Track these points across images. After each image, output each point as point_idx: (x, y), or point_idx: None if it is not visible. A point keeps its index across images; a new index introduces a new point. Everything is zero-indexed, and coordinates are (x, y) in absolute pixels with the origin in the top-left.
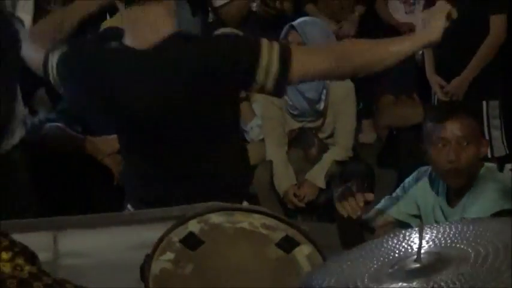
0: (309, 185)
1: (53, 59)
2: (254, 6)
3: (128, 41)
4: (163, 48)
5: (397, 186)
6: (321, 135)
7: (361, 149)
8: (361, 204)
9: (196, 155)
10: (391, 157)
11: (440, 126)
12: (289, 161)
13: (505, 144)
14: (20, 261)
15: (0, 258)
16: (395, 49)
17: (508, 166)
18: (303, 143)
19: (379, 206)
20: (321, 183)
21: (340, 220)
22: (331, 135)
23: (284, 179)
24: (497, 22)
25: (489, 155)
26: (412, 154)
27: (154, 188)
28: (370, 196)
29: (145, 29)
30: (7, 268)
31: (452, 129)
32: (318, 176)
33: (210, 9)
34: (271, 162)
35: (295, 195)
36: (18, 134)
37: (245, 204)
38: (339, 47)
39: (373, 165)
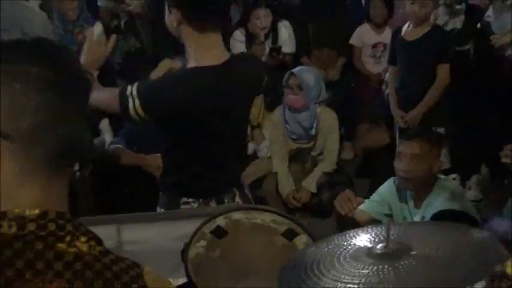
0: (304, 191)
1: (133, 90)
2: (264, 58)
3: (201, 62)
4: (232, 64)
5: (370, 192)
6: (313, 153)
7: (343, 164)
8: (355, 205)
9: (234, 153)
10: (365, 170)
11: (401, 144)
12: (289, 173)
13: (449, 159)
14: (92, 242)
15: (79, 240)
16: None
17: (451, 176)
18: (300, 159)
19: (361, 207)
20: (313, 189)
21: (339, 217)
22: (320, 153)
23: (286, 185)
24: (443, 69)
25: None
26: (382, 167)
27: (202, 182)
28: (359, 200)
29: (217, 49)
30: (84, 248)
31: (408, 148)
32: (310, 183)
33: None
34: (276, 173)
35: (294, 198)
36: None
37: (237, 193)
38: None
39: (352, 176)
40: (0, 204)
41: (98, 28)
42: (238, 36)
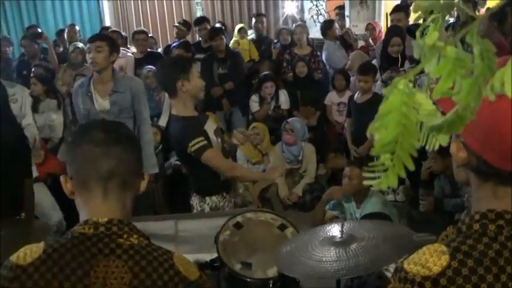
0: (294, 194)
1: None
2: (270, 112)
3: (182, 113)
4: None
5: None
6: (300, 171)
7: (319, 177)
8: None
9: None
10: (332, 181)
11: (345, 169)
12: (285, 183)
13: None
14: (141, 238)
15: (132, 236)
16: (253, 176)
17: None
18: (292, 175)
19: (326, 208)
20: (300, 194)
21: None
22: (304, 171)
23: (283, 191)
24: None
25: None
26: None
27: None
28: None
29: (190, 108)
30: (136, 241)
31: (347, 171)
32: (298, 190)
33: (250, 112)
34: (277, 183)
35: (288, 199)
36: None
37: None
38: (233, 167)
39: (324, 185)
40: (81, 217)
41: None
42: (254, 98)
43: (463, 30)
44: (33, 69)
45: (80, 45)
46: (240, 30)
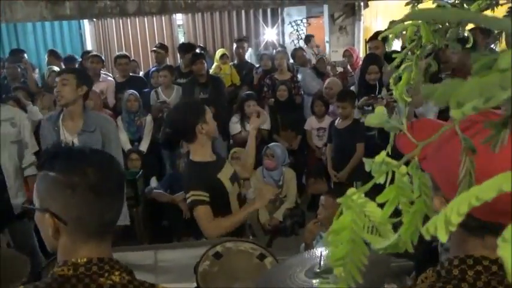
0: (275, 220)
1: None
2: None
3: (198, 158)
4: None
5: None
6: (281, 196)
7: (299, 203)
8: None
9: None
10: (312, 206)
11: (321, 198)
12: (266, 208)
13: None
14: (124, 274)
15: (114, 274)
16: (241, 217)
17: None
18: (272, 200)
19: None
20: (280, 218)
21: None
22: (285, 196)
23: (263, 216)
24: (359, 147)
25: None
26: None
27: None
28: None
29: (208, 150)
30: (117, 279)
31: (323, 199)
32: (279, 215)
33: (230, 136)
34: (258, 209)
35: (268, 224)
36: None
37: None
38: (216, 228)
39: (304, 210)
40: (62, 257)
41: (149, 117)
42: (234, 119)
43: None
44: (13, 93)
45: (56, 68)
46: (222, 56)
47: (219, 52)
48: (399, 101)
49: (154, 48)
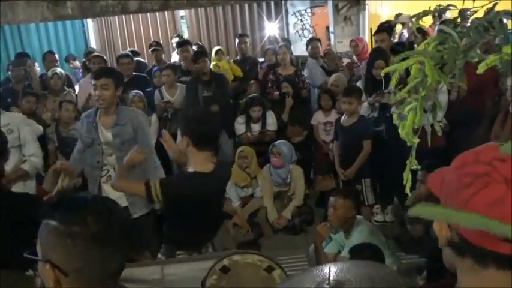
0: (283, 218)
1: (156, 184)
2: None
3: (199, 168)
4: (216, 171)
5: (325, 217)
6: (289, 194)
7: (307, 199)
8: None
9: (215, 223)
10: (320, 203)
11: (330, 199)
12: (274, 206)
13: (373, 197)
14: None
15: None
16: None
17: (375, 206)
18: (280, 198)
19: (326, 249)
20: (289, 217)
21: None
22: (293, 194)
23: (272, 215)
24: (366, 143)
25: (366, 203)
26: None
27: (192, 241)
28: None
29: (207, 158)
30: None
31: (332, 200)
32: (287, 213)
33: (236, 135)
34: (266, 207)
35: (277, 222)
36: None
37: (209, 245)
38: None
39: (313, 207)
40: None
41: (154, 117)
42: (239, 120)
43: None
44: (21, 99)
45: (59, 70)
46: (217, 52)
47: (215, 49)
48: (407, 141)
49: (153, 47)
